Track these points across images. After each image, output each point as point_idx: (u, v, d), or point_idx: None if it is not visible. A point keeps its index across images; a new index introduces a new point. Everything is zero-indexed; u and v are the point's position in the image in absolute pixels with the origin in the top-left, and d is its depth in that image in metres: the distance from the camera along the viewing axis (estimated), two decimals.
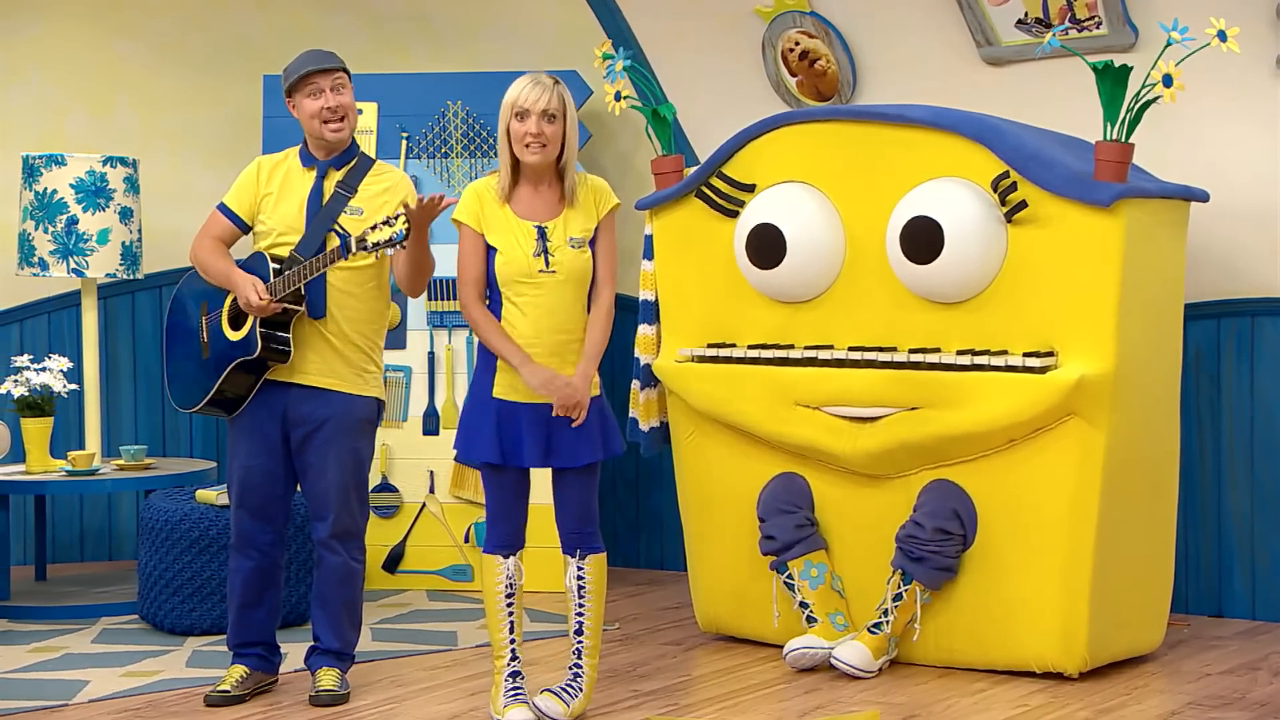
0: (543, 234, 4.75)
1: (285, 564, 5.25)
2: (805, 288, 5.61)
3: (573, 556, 4.88)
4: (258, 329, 4.95)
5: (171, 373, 5.28)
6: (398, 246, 4.80)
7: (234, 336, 5.03)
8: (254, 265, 5.02)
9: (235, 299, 5.01)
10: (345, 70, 5.06)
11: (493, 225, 4.77)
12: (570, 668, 4.93)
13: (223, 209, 5.13)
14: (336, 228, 4.98)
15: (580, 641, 4.90)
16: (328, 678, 5.09)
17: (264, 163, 5.17)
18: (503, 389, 4.80)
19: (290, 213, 5.05)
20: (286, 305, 4.95)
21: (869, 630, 5.40)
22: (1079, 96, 5.69)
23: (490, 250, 4.77)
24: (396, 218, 4.81)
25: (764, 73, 6.64)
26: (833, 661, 5.37)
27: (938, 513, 5.33)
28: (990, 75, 6.21)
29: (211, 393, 5.07)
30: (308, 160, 5.10)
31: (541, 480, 5.18)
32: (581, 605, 4.89)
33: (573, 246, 4.77)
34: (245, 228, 5.13)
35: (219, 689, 5.10)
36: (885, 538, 5.46)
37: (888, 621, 5.38)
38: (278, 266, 4.98)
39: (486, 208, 4.78)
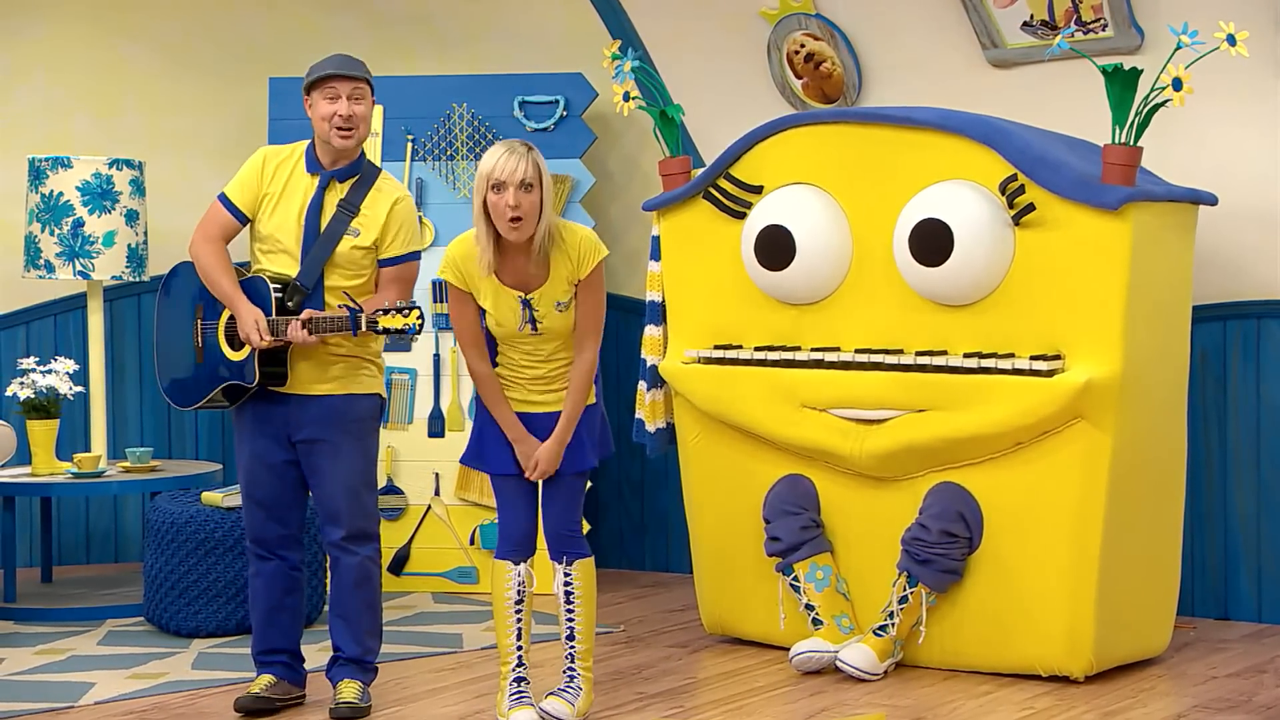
0: (527, 304, 4.76)
1: (304, 565, 5.14)
2: (813, 289, 5.61)
3: (559, 563, 4.89)
4: (256, 360, 4.90)
5: (163, 363, 5.19)
6: (408, 338, 4.82)
7: (232, 356, 4.97)
8: (256, 290, 4.93)
9: (232, 315, 4.95)
10: (368, 81, 4.97)
11: (481, 289, 4.78)
12: (565, 671, 4.92)
13: (224, 200, 5.01)
14: (340, 259, 4.94)
15: (572, 647, 4.90)
16: (349, 689, 4.98)
17: (269, 157, 5.05)
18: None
19: (288, 221, 4.96)
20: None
21: (874, 633, 5.40)
22: (1084, 99, 5.69)
23: (481, 310, 4.81)
24: (412, 309, 4.78)
25: (769, 75, 6.63)
26: (838, 664, 5.37)
27: (943, 515, 5.33)
28: (995, 77, 6.21)
29: (205, 400, 5.06)
30: (313, 166, 5.00)
31: None
32: (571, 611, 4.89)
33: (559, 310, 4.79)
34: (245, 220, 5.02)
35: (250, 692, 5.02)
36: (891, 540, 5.45)
37: (893, 624, 5.38)
38: (279, 294, 4.89)
39: (470, 270, 4.78)
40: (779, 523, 5.61)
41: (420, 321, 4.78)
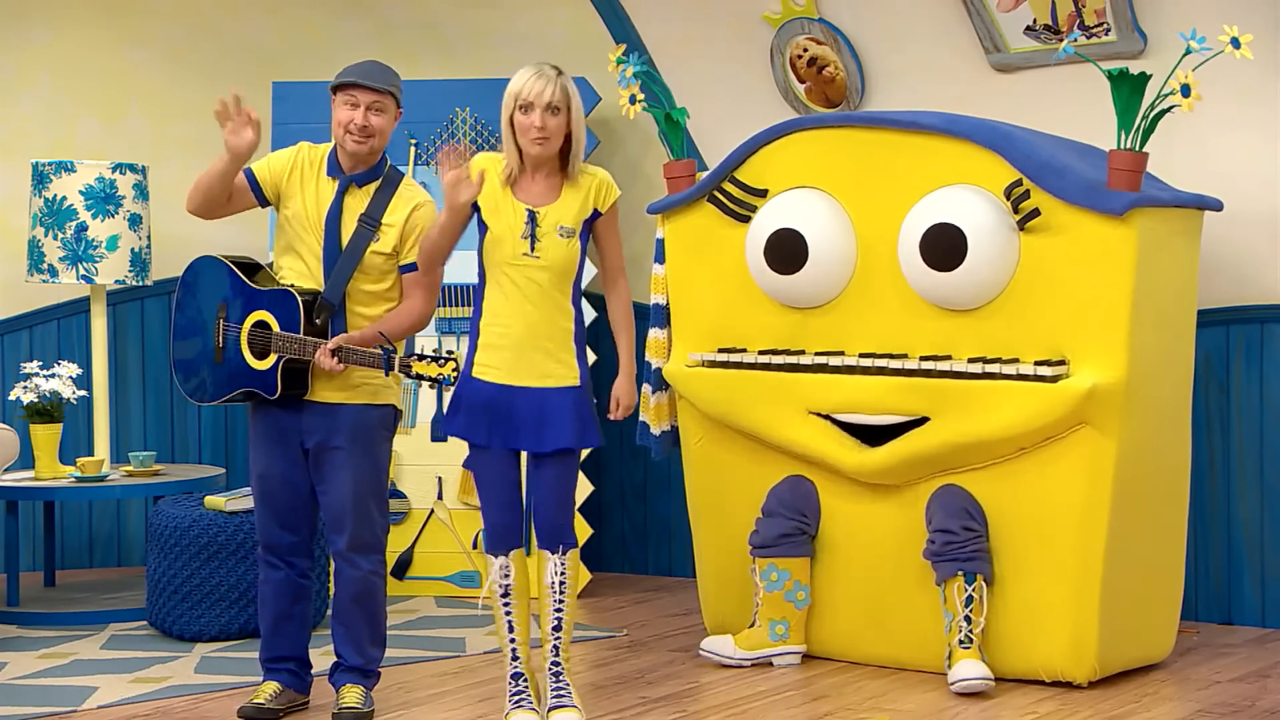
0: (533, 218, 4.74)
1: (313, 574, 5.12)
2: (820, 293, 5.61)
3: (554, 552, 4.83)
4: (279, 373, 4.87)
5: (179, 352, 5.15)
6: (440, 387, 4.79)
7: (255, 365, 4.93)
8: (284, 305, 4.89)
9: (256, 324, 4.93)
10: (392, 94, 4.94)
11: (489, 200, 4.76)
12: (550, 665, 4.84)
13: (246, 172, 4.99)
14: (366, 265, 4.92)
15: (558, 638, 4.83)
16: (351, 695, 4.97)
17: (304, 154, 5.02)
18: (479, 368, 4.79)
19: (310, 226, 4.94)
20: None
21: (962, 647, 5.27)
22: (1087, 103, 5.69)
23: (481, 227, 4.78)
24: (448, 360, 4.75)
25: (772, 79, 6.64)
26: (957, 688, 5.21)
27: (955, 512, 5.31)
28: (998, 82, 6.22)
29: (221, 400, 5.05)
30: (333, 170, 4.97)
31: None
32: (561, 602, 4.84)
33: (561, 236, 4.75)
34: (260, 198, 5.00)
35: (254, 701, 5.00)
36: (891, 546, 5.46)
37: (971, 629, 5.27)
38: (307, 303, 4.88)
39: (488, 180, 4.75)
40: (767, 519, 5.61)
41: (456, 374, 4.76)
